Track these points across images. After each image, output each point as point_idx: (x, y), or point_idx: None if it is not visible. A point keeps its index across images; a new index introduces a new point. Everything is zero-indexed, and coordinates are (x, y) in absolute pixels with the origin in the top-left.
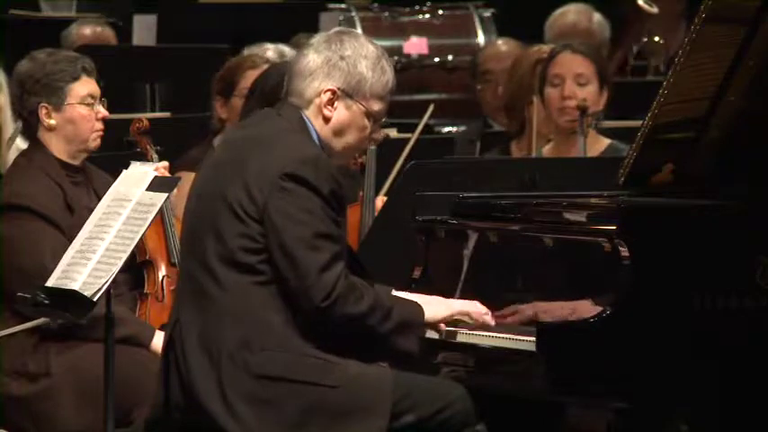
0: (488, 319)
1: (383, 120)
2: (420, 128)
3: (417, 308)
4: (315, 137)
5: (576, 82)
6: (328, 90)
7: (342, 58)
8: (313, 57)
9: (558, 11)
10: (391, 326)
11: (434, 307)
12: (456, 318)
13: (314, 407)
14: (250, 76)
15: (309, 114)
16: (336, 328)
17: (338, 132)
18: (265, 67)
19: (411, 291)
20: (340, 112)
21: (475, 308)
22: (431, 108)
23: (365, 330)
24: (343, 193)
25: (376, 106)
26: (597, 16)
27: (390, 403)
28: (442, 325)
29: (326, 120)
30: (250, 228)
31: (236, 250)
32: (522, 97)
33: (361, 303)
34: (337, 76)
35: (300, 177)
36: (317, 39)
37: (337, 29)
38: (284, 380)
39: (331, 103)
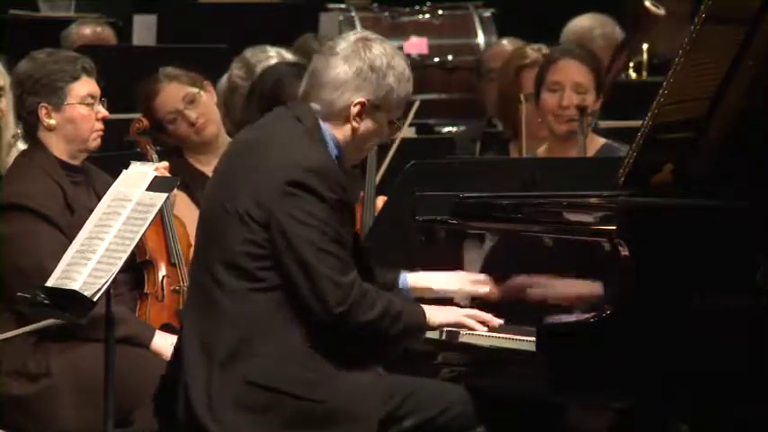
0: (486, 327)
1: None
2: (406, 124)
3: (421, 311)
4: (330, 142)
5: (575, 90)
6: (359, 103)
7: (372, 69)
8: (344, 68)
9: (578, 19)
10: (399, 329)
11: (437, 311)
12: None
13: (298, 419)
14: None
15: (332, 122)
16: (349, 333)
17: (362, 140)
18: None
19: None
20: (367, 123)
21: (475, 321)
22: (416, 104)
23: (375, 335)
24: (350, 200)
25: (397, 113)
26: (617, 29)
27: (377, 418)
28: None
29: (354, 130)
30: (255, 233)
31: (240, 255)
32: (512, 101)
33: (373, 309)
34: (367, 89)
35: (305, 185)
36: (343, 46)
37: (360, 34)
38: (271, 389)
39: (360, 114)
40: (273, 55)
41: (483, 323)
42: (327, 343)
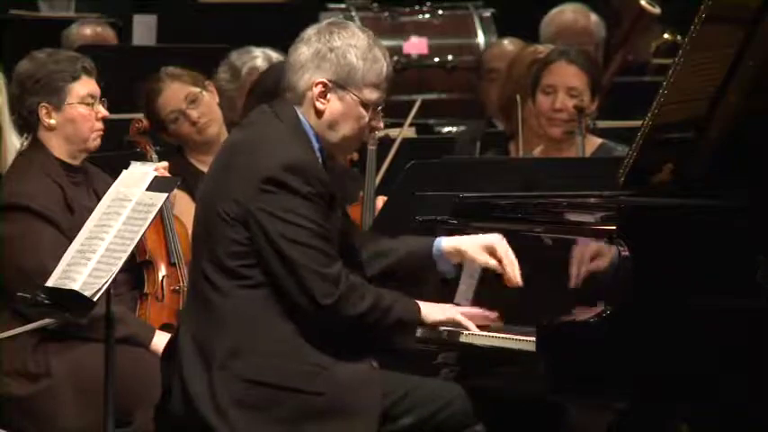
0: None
1: (380, 108)
2: (407, 124)
3: (414, 305)
4: (309, 132)
5: (569, 94)
6: (319, 83)
7: (331, 49)
8: (303, 50)
9: (555, 10)
10: (389, 324)
11: (433, 308)
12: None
13: (300, 413)
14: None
15: (303, 109)
16: (337, 326)
17: (333, 125)
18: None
19: None
20: (333, 105)
21: (472, 321)
22: (417, 104)
23: (365, 328)
24: (331, 191)
25: (371, 95)
26: (594, 16)
27: (378, 409)
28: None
29: (319, 113)
30: (236, 231)
31: (225, 255)
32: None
33: (363, 302)
34: (327, 68)
35: (281, 182)
36: (308, 31)
37: (329, 20)
38: (271, 386)
39: (323, 95)
40: (259, 55)
41: (480, 326)
42: (320, 336)
